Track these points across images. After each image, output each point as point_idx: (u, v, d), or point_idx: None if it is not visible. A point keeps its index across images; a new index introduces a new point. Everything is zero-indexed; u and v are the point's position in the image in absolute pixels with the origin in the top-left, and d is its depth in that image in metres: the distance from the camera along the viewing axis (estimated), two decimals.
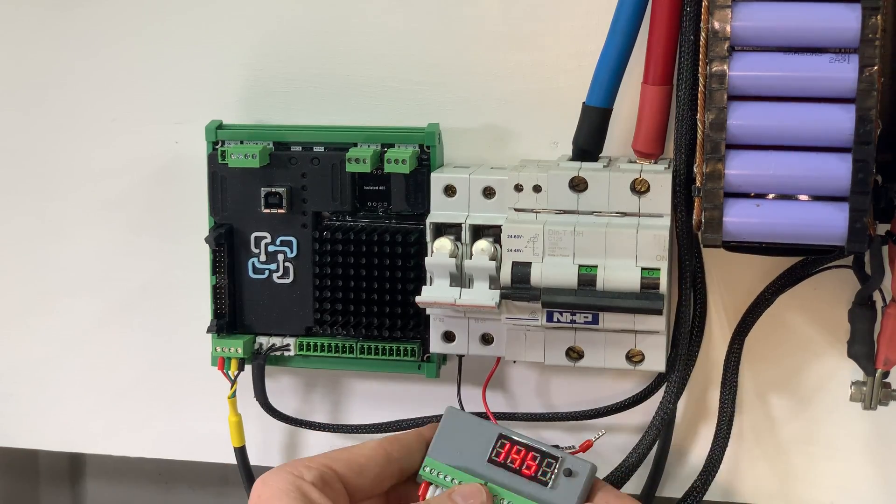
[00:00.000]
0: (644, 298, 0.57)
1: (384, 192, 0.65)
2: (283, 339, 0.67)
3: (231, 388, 0.67)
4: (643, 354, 0.60)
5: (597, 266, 0.58)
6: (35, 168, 0.73)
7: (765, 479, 0.67)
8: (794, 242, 0.54)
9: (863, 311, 0.60)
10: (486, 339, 0.63)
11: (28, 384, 0.76)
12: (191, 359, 0.72)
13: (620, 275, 0.58)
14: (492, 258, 0.60)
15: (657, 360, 0.60)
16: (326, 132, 0.66)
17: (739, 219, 0.54)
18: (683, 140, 0.57)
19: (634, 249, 0.58)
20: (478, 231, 0.62)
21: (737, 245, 0.56)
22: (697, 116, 0.54)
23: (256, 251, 0.67)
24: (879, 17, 0.51)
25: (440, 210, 0.62)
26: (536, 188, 0.60)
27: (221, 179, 0.66)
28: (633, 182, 0.59)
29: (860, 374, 0.61)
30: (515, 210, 0.60)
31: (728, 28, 0.52)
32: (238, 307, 0.68)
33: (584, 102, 0.60)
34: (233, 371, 0.67)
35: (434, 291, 0.61)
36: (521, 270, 0.59)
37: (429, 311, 0.63)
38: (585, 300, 0.58)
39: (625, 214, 0.59)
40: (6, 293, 0.75)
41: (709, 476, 0.64)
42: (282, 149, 0.66)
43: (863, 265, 0.60)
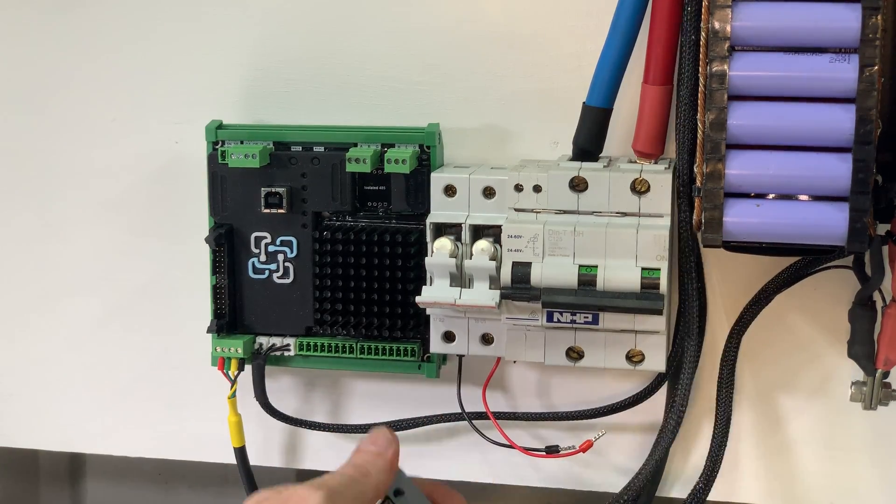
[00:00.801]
0: (644, 298, 0.57)
1: (384, 192, 0.65)
2: (283, 339, 0.67)
3: (231, 389, 0.67)
4: (643, 354, 0.60)
5: (597, 266, 0.58)
6: (36, 168, 0.73)
7: (765, 479, 0.67)
8: (795, 242, 0.54)
9: (863, 311, 0.60)
10: (486, 339, 0.63)
11: (28, 384, 0.76)
12: (191, 359, 0.72)
13: (620, 275, 0.58)
14: (492, 258, 0.60)
15: (657, 360, 0.60)
16: (326, 132, 0.66)
17: (739, 219, 0.54)
18: (685, 139, 0.57)
19: (634, 249, 0.58)
20: (478, 231, 0.62)
21: (737, 245, 0.56)
22: (697, 116, 0.54)
23: (256, 251, 0.67)
24: (879, 17, 0.51)
25: (440, 210, 0.62)
26: (536, 188, 0.60)
27: (221, 179, 0.66)
28: (634, 182, 0.59)
29: (860, 374, 0.61)
30: (515, 210, 0.60)
31: (728, 28, 0.52)
32: (238, 307, 0.68)
33: (585, 102, 0.60)
34: (233, 371, 0.67)
35: (434, 291, 0.61)
36: (521, 270, 0.59)
37: (429, 311, 0.63)
38: (585, 300, 0.58)
39: (625, 214, 0.59)
40: (6, 293, 0.75)
41: (711, 476, 0.64)
42: (282, 149, 0.66)
43: (863, 265, 0.60)
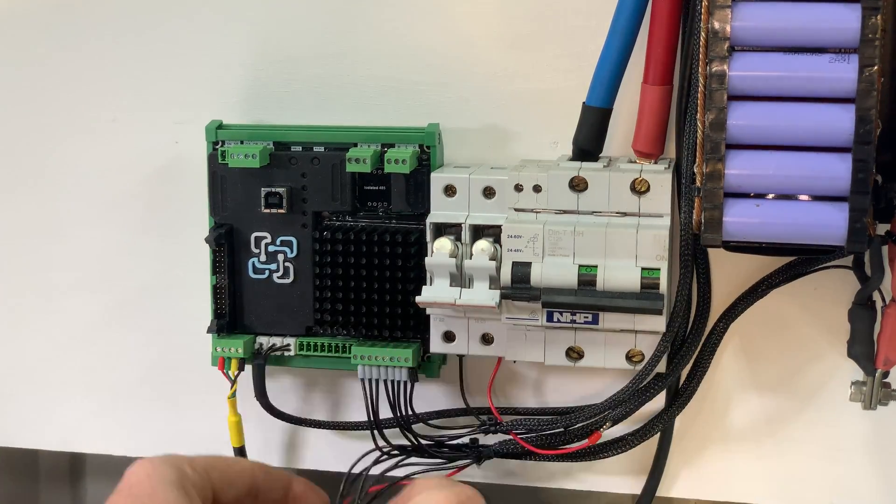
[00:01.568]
0: (644, 298, 0.57)
1: (384, 192, 0.65)
2: (283, 339, 0.67)
3: (231, 388, 0.67)
4: (643, 354, 0.60)
5: (597, 266, 0.58)
6: (35, 168, 0.73)
7: (764, 479, 0.67)
8: (794, 242, 0.54)
9: (863, 311, 0.60)
10: (487, 339, 0.63)
11: (28, 384, 0.76)
12: (191, 359, 0.72)
13: (620, 275, 0.58)
14: (492, 258, 0.60)
15: (657, 361, 0.60)
16: (326, 132, 0.66)
17: (739, 219, 0.54)
18: (688, 139, 0.57)
19: (634, 249, 0.58)
20: (478, 231, 0.62)
21: (737, 245, 0.56)
22: (697, 116, 0.54)
23: (256, 251, 0.67)
24: (879, 17, 0.51)
25: (440, 210, 0.62)
26: (536, 188, 0.60)
27: (221, 179, 0.66)
28: (633, 182, 0.59)
29: (860, 374, 0.61)
30: (515, 210, 0.60)
31: (728, 28, 0.52)
32: (238, 307, 0.68)
33: (584, 102, 0.60)
34: (233, 371, 0.67)
35: (434, 291, 0.61)
36: (521, 270, 0.59)
37: (429, 311, 0.63)
38: (585, 300, 0.58)
39: (625, 214, 0.59)
40: (6, 293, 0.75)
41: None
42: (282, 149, 0.66)
43: (863, 265, 0.60)
